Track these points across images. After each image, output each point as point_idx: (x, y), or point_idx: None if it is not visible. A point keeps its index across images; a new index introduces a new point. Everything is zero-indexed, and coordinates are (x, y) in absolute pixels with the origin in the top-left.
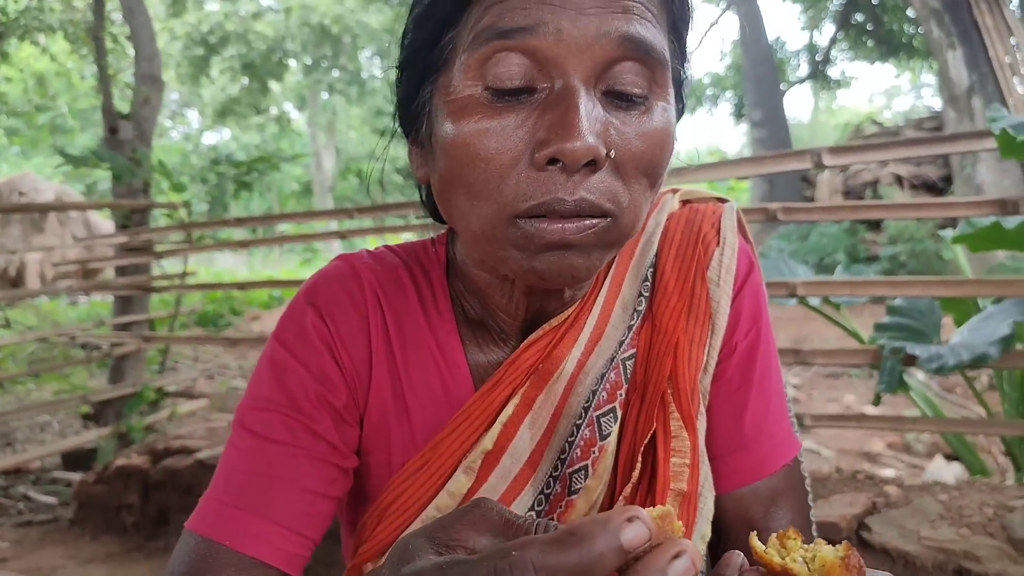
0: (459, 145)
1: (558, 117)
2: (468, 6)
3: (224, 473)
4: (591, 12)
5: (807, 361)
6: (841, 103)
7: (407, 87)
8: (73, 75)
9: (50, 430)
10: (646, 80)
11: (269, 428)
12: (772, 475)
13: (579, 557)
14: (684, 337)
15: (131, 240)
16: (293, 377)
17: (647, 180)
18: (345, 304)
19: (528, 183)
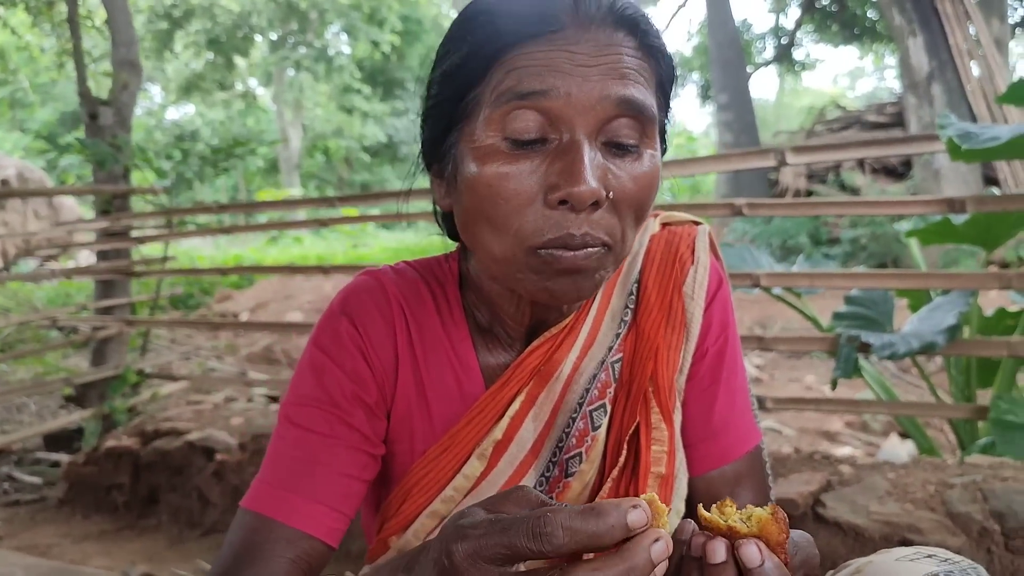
0: (483, 185)
1: (567, 166)
2: (490, 69)
3: (272, 460)
4: (594, 79)
5: (769, 347)
6: (806, 85)
7: (433, 131)
8: (34, 49)
9: (27, 412)
10: (638, 133)
11: (311, 421)
12: (737, 460)
13: (595, 526)
14: (663, 343)
15: (112, 225)
16: (331, 377)
17: (637, 215)
18: (374, 314)
19: (543, 220)
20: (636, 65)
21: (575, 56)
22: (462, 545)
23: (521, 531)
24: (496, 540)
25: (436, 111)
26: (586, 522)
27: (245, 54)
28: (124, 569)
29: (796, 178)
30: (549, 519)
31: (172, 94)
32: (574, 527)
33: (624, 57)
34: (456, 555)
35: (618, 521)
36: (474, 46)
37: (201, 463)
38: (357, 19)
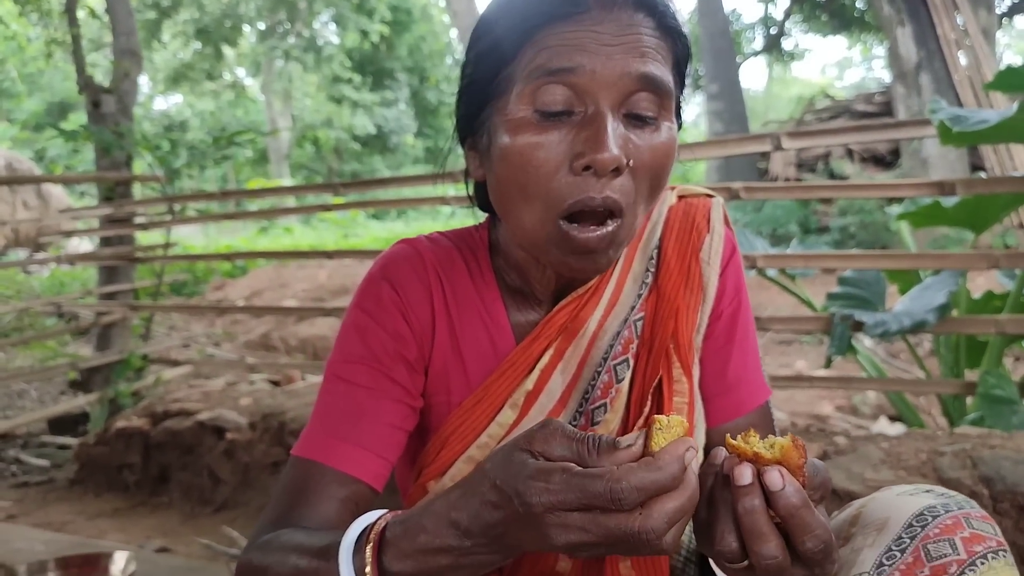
0: (515, 154)
1: (592, 135)
2: (521, 48)
3: (321, 412)
4: (617, 57)
5: (765, 327)
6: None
7: (468, 108)
8: (21, 39)
9: (28, 398)
10: (656, 106)
11: (357, 376)
12: (749, 413)
13: (659, 477)
14: (683, 304)
15: (116, 211)
16: (374, 336)
17: (653, 183)
18: (412, 278)
19: (568, 186)
20: (655, 44)
21: (600, 36)
22: (543, 498)
23: (599, 493)
24: (575, 496)
25: (472, 89)
26: (652, 475)
27: (233, 44)
28: (140, 543)
29: (786, 167)
30: (623, 484)
31: (160, 84)
32: (644, 486)
33: (644, 36)
34: (536, 507)
35: (678, 469)
36: (507, 28)
37: (211, 442)
38: (346, 8)
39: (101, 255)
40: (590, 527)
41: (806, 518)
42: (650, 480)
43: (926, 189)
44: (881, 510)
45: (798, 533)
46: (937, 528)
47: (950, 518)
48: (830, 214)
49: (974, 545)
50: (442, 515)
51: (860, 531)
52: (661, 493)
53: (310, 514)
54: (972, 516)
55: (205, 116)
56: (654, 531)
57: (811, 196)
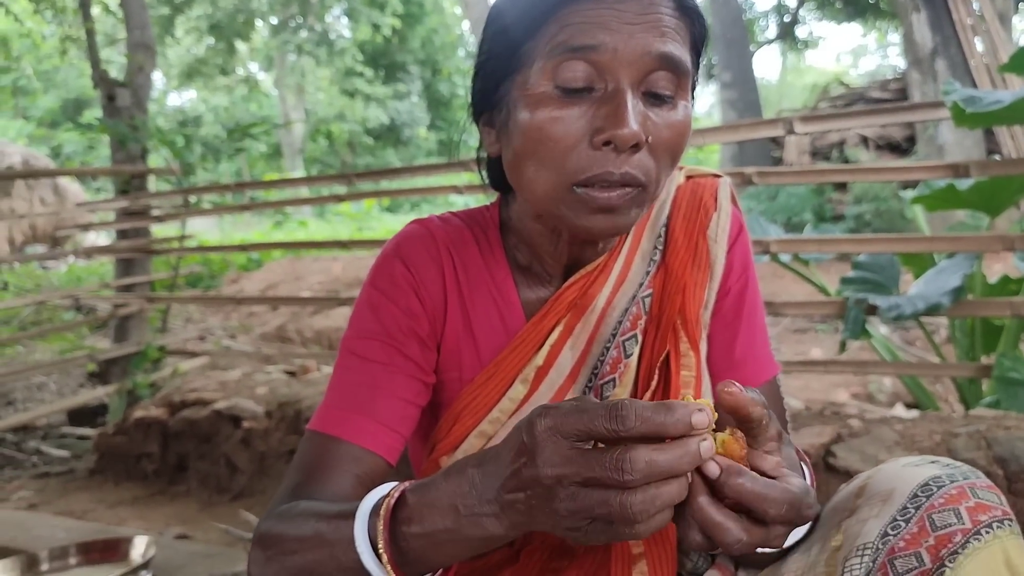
0: (534, 128)
1: (612, 111)
2: (544, 24)
3: (336, 387)
4: (638, 35)
5: (779, 312)
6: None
7: (485, 83)
8: (36, 36)
9: (47, 390)
10: (673, 85)
11: (371, 352)
12: (756, 389)
13: (664, 418)
14: (690, 280)
15: (132, 204)
16: (387, 313)
17: (670, 159)
18: (424, 257)
19: (587, 159)
20: (674, 24)
21: (622, 14)
22: (545, 420)
23: (600, 413)
24: (576, 418)
25: (490, 64)
26: (657, 413)
27: (246, 39)
28: (160, 531)
29: (800, 155)
30: (626, 405)
31: (174, 80)
32: (646, 416)
33: (664, 16)
34: (538, 427)
35: (684, 418)
36: (529, 4)
37: (229, 431)
38: (358, 2)
39: (117, 248)
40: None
41: (756, 490)
42: (652, 415)
43: (940, 172)
44: (886, 481)
45: (756, 506)
46: (942, 498)
47: (955, 488)
48: (845, 202)
49: (979, 515)
50: (459, 472)
51: (865, 502)
52: (659, 435)
53: (325, 486)
54: (977, 486)
55: (219, 111)
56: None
57: (824, 180)
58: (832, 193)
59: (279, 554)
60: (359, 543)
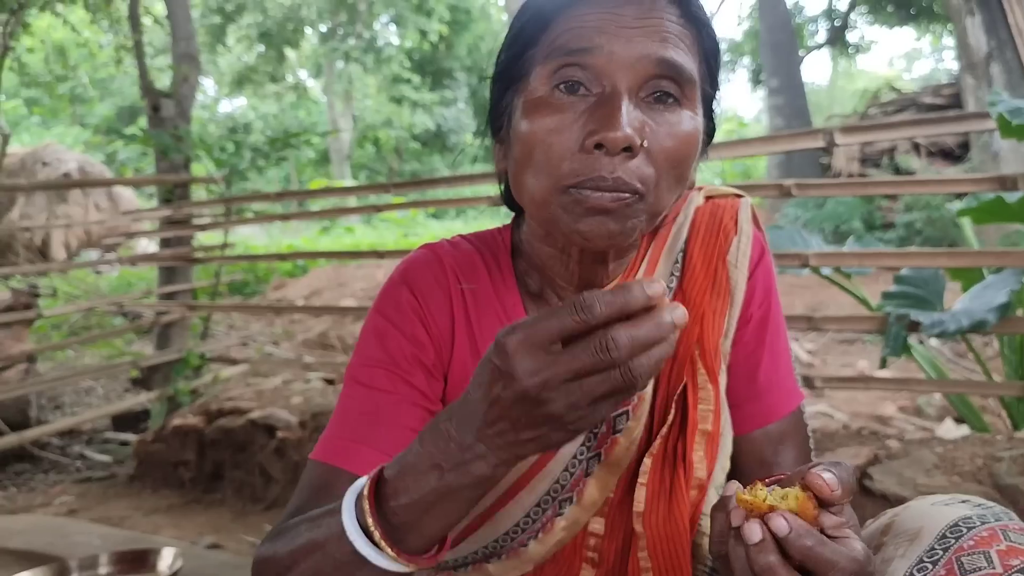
0: (529, 134)
1: (605, 114)
2: (545, 30)
3: (340, 415)
4: (637, 40)
5: (819, 327)
6: (861, 67)
7: (496, 97)
8: (92, 45)
9: (94, 395)
10: (677, 93)
11: (375, 380)
12: (780, 420)
13: (625, 297)
14: (709, 309)
15: (175, 213)
16: (393, 341)
17: (674, 171)
18: (432, 283)
19: (579, 163)
20: (678, 31)
21: (620, 18)
22: (514, 336)
23: (565, 310)
24: (544, 323)
25: (501, 76)
26: (617, 296)
27: (295, 46)
28: (193, 540)
29: (849, 162)
30: (588, 296)
31: (225, 87)
32: (608, 299)
33: (666, 22)
34: (509, 345)
35: (640, 294)
36: (533, 11)
37: (263, 440)
38: (405, 9)
39: (160, 256)
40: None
41: (824, 555)
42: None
43: (986, 184)
44: (914, 519)
45: (822, 572)
46: (972, 540)
47: (986, 530)
48: (895, 210)
49: (1011, 559)
50: (432, 431)
51: (892, 540)
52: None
53: None
54: (1010, 528)
55: (268, 118)
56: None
57: (866, 192)
58: (882, 201)
59: (280, 572)
60: (350, 533)
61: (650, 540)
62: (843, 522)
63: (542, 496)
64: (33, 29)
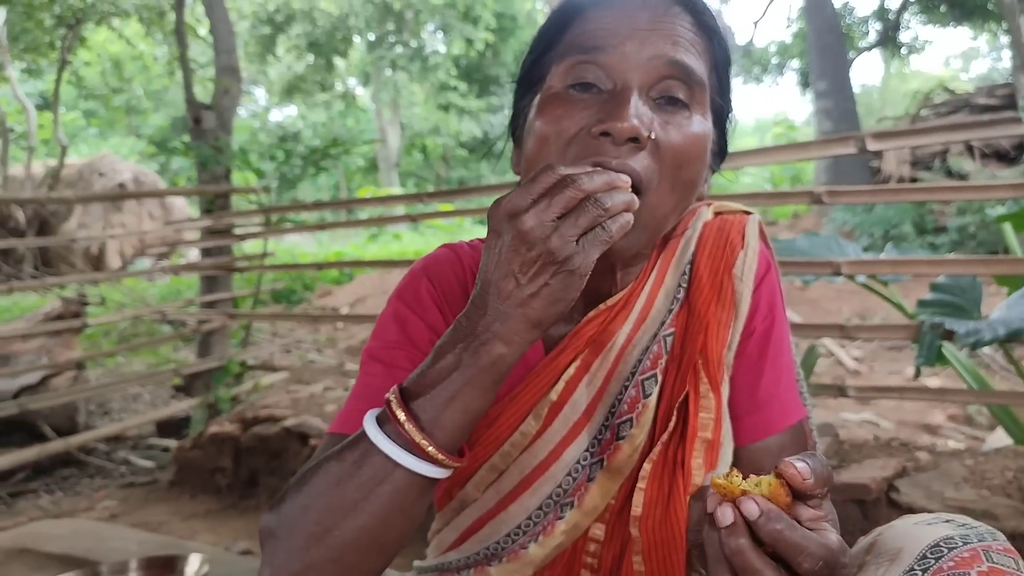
0: (541, 127)
1: (613, 105)
2: (563, 32)
3: (359, 391)
4: (649, 41)
5: (851, 336)
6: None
7: (516, 100)
8: (147, 57)
9: (142, 401)
10: (687, 95)
11: (396, 360)
12: (780, 433)
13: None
14: (714, 320)
15: (215, 223)
16: (413, 326)
17: (680, 173)
18: (450, 277)
19: (584, 149)
20: (689, 37)
21: (635, 21)
22: (498, 203)
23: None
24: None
25: (521, 82)
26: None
27: (344, 55)
28: (227, 545)
29: (900, 165)
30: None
31: (275, 96)
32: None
33: (678, 27)
34: (498, 211)
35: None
36: (553, 19)
37: (297, 447)
38: (452, 17)
39: (201, 265)
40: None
41: (794, 539)
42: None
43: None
44: (896, 539)
45: (791, 556)
46: (952, 561)
47: (967, 551)
48: (947, 213)
49: None
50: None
51: (873, 559)
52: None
53: None
54: (993, 549)
55: (316, 126)
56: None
57: (899, 199)
58: (934, 205)
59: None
60: (379, 442)
61: (645, 545)
62: (821, 516)
63: (544, 499)
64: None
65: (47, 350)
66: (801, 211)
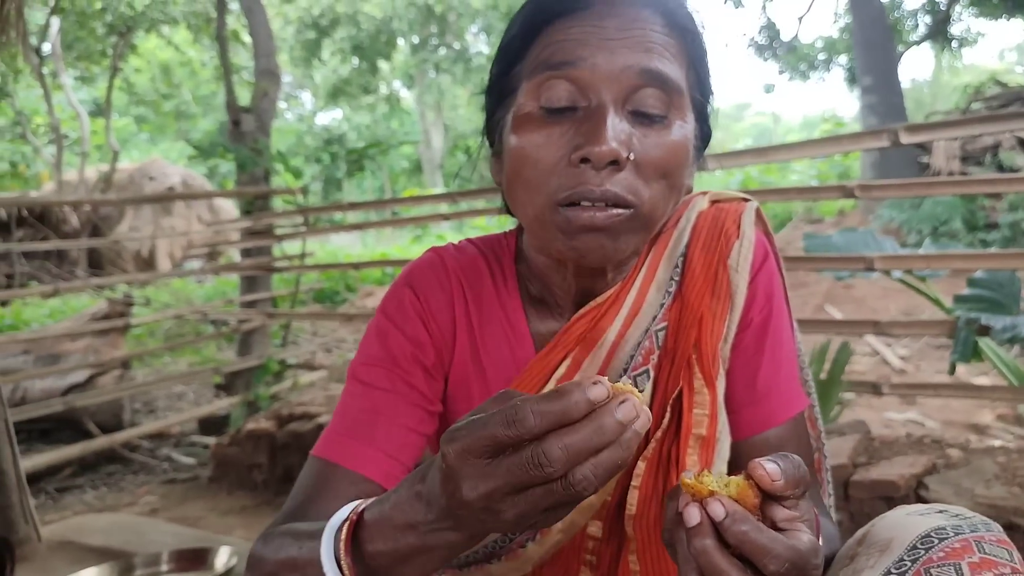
0: (519, 150)
1: (590, 128)
2: (531, 45)
3: (340, 412)
4: (620, 51)
5: (885, 332)
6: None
7: (489, 108)
8: (195, 63)
9: (186, 399)
10: (664, 104)
11: (375, 378)
12: (780, 426)
13: (561, 405)
14: (708, 312)
15: (255, 224)
16: (394, 341)
17: (665, 181)
18: (435, 286)
19: (567, 177)
20: (662, 41)
21: (603, 30)
22: (452, 447)
23: (497, 422)
24: (478, 435)
25: (491, 90)
26: (552, 403)
27: (388, 58)
28: None
29: (949, 160)
30: (519, 406)
31: (321, 100)
32: (543, 409)
33: (649, 32)
34: (448, 456)
35: (581, 397)
36: (519, 25)
37: None
38: (494, 19)
39: (241, 266)
40: (536, 499)
41: (760, 541)
42: (548, 407)
43: None
44: (887, 529)
45: (757, 558)
46: (942, 551)
47: (959, 541)
48: (999, 209)
49: (983, 571)
50: (409, 488)
51: (864, 551)
52: (565, 422)
53: (320, 511)
54: (985, 540)
55: (361, 129)
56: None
57: (931, 193)
58: (985, 200)
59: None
60: (325, 565)
61: (640, 543)
62: (795, 516)
63: None
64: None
65: (94, 350)
66: (847, 208)
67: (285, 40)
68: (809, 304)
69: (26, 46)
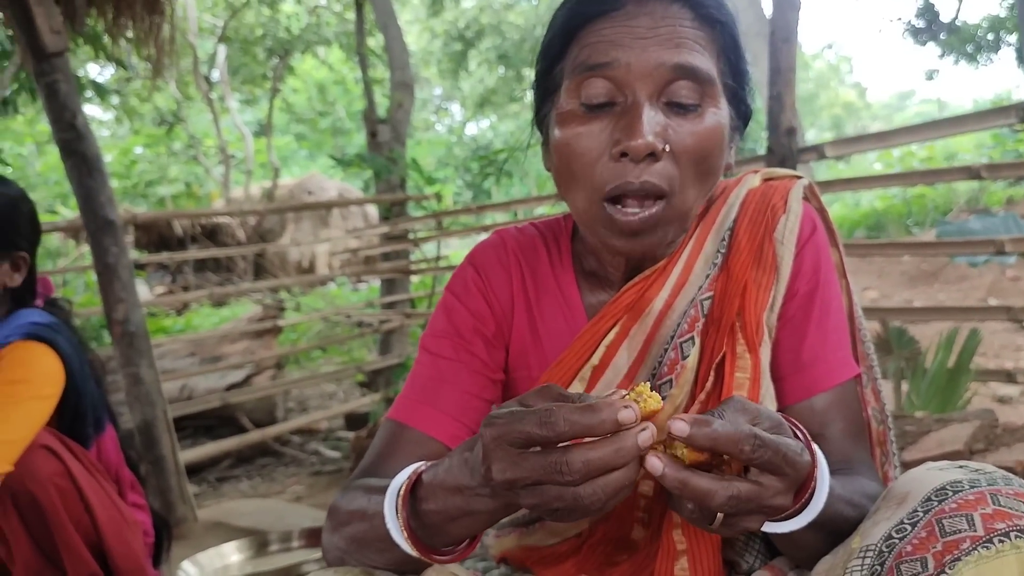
0: (564, 144)
1: (627, 123)
2: (569, 45)
3: (411, 380)
4: (652, 49)
5: (1017, 318)
6: None
7: (537, 103)
8: (348, 81)
9: (336, 397)
10: (697, 94)
11: (441, 349)
12: (825, 392)
13: (590, 419)
14: (752, 282)
15: (392, 229)
16: (457, 315)
17: (700, 168)
18: (495, 264)
19: (608, 171)
20: (692, 35)
21: (634, 30)
22: (489, 431)
23: (532, 421)
24: (513, 427)
25: (538, 85)
26: (583, 416)
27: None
28: None
29: None
30: (554, 411)
31: (469, 111)
32: (573, 419)
33: (679, 28)
34: (485, 437)
35: (609, 417)
36: (557, 28)
37: None
38: None
39: (379, 269)
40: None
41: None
42: (579, 418)
43: None
44: (906, 484)
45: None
46: (955, 503)
47: (973, 493)
48: None
49: (996, 522)
50: (460, 456)
51: (883, 504)
52: (591, 435)
53: (391, 468)
54: (1002, 493)
55: (507, 137)
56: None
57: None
58: None
59: (338, 524)
60: (388, 518)
61: None
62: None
63: None
64: (298, 71)
65: (251, 351)
66: (1016, 196)
67: (433, 53)
68: (971, 298)
69: (197, 74)
